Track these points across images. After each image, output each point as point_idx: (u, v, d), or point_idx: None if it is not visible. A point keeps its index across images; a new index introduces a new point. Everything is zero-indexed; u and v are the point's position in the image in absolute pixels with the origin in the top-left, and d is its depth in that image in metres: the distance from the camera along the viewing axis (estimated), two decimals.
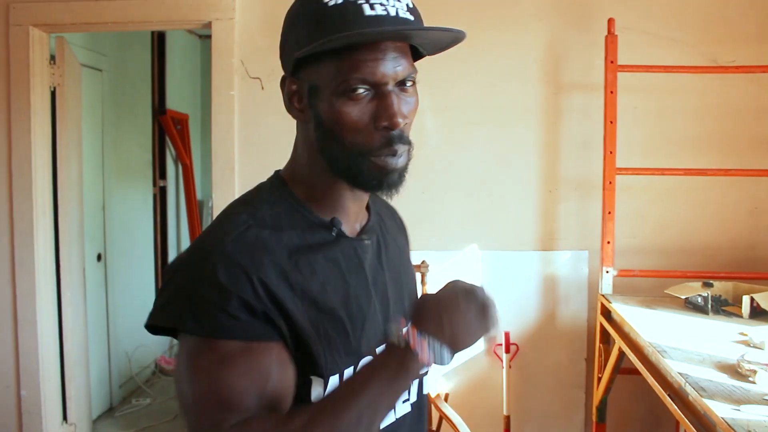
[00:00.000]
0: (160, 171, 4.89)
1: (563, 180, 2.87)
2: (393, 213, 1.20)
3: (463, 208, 2.83)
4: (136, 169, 4.59)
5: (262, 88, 2.91)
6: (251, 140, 2.94)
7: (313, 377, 0.90)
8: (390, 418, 1.00)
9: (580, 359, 2.89)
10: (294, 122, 3.01)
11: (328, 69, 0.88)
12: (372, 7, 0.86)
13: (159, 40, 4.79)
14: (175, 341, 4.13)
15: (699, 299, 2.33)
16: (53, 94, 3.18)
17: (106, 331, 4.08)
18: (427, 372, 1.05)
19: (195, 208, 5.15)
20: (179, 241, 5.26)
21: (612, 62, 2.61)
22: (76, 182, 3.45)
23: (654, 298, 2.53)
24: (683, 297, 2.38)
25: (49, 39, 3.13)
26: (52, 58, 3.16)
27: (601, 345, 2.61)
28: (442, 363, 0.86)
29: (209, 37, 2.97)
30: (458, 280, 0.91)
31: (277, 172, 1.03)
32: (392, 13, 0.87)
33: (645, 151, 2.81)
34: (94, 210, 3.92)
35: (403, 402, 1.04)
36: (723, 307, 2.33)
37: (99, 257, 3.97)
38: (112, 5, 2.93)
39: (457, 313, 0.86)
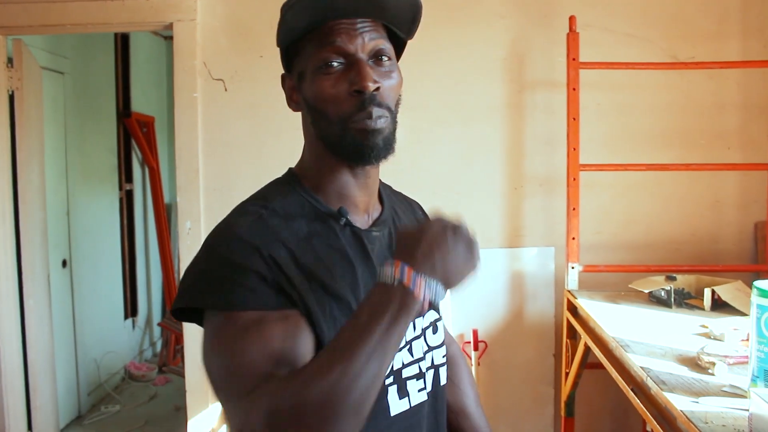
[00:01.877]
0: (126, 174, 4.83)
1: (528, 177, 2.89)
2: (414, 210, 1.24)
3: (428, 207, 2.83)
4: (101, 173, 4.52)
5: (225, 89, 2.88)
6: (215, 142, 2.91)
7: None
8: (404, 406, 1.01)
9: (548, 355, 2.91)
10: (256, 123, 2.96)
11: (307, 53, 0.96)
12: None
13: (123, 42, 4.73)
14: (145, 346, 4.06)
15: (662, 293, 2.36)
16: (11, 97, 3.12)
17: (73, 339, 4.01)
18: (444, 363, 1.12)
19: (162, 211, 5.10)
20: (147, 245, 5.20)
21: (574, 59, 2.63)
22: (38, 187, 3.39)
23: (619, 292, 2.56)
24: (647, 291, 2.41)
25: (6, 41, 3.07)
26: (10, 61, 3.10)
27: (568, 340, 2.63)
28: (436, 301, 0.86)
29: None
30: (440, 216, 0.91)
31: (289, 168, 1.08)
32: None
33: (608, 147, 2.83)
34: (58, 215, 3.86)
35: (419, 391, 1.04)
36: (686, 300, 2.36)
37: (64, 263, 3.91)
38: (71, 7, 2.88)
39: (448, 252, 0.87)
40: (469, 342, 2.86)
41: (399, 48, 1.06)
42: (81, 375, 4.08)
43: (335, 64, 0.94)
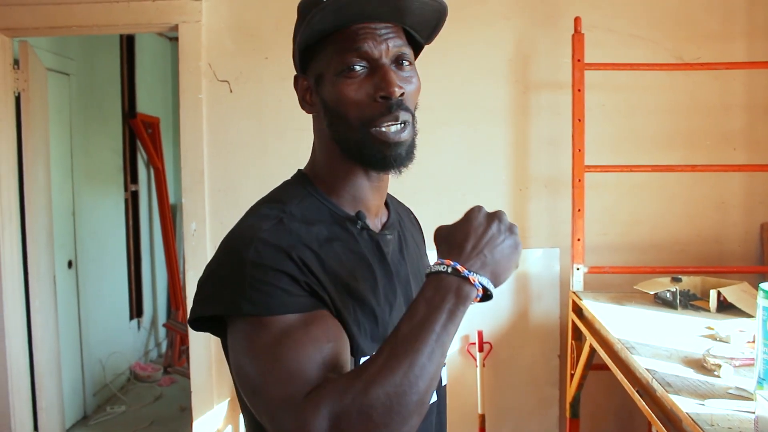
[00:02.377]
0: (131, 175, 4.84)
1: (533, 178, 2.89)
2: (408, 212, 1.25)
3: (433, 209, 2.82)
4: (106, 173, 4.53)
5: (231, 90, 2.89)
6: (220, 143, 2.91)
7: None
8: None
9: (553, 356, 2.91)
10: (261, 124, 2.96)
11: (328, 55, 0.95)
12: None
13: (128, 43, 4.74)
14: (150, 346, 4.05)
15: (668, 294, 2.35)
16: (18, 99, 3.13)
17: (78, 339, 4.03)
18: (444, 364, 1.06)
19: (168, 212, 5.11)
20: (152, 245, 5.21)
21: (579, 60, 2.62)
22: (44, 188, 3.41)
23: (624, 294, 2.55)
24: (652, 292, 2.40)
25: (12, 43, 3.08)
26: (16, 62, 3.12)
27: (573, 342, 2.63)
28: (488, 297, 0.86)
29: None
30: (482, 208, 0.92)
31: (299, 170, 1.07)
32: None
33: (614, 148, 2.83)
34: (64, 216, 3.87)
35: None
36: (691, 301, 2.35)
37: (70, 264, 3.92)
38: (77, 9, 2.89)
39: (496, 246, 0.88)
40: (474, 343, 2.86)
41: (416, 51, 1.06)
42: (86, 375, 4.09)
43: (358, 68, 0.94)
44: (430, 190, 2.84)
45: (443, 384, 1.12)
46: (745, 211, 2.85)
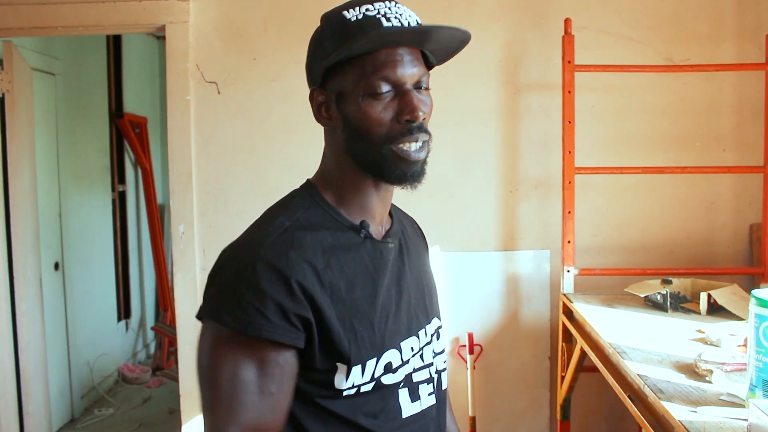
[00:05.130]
0: (119, 176, 4.80)
1: (524, 180, 2.88)
2: (412, 221, 1.28)
3: (424, 211, 2.80)
4: (93, 174, 4.49)
5: (219, 92, 2.86)
6: (208, 145, 2.88)
7: (338, 364, 0.97)
8: (416, 408, 1.06)
9: (544, 358, 2.91)
10: (249, 126, 2.93)
11: (353, 75, 0.99)
12: (389, 20, 0.98)
13: (115, 42, 4.70)
14: (138, 348, 4.04)
15: (658, 297, 2.35)
16: (2, 100, 3.09)
17: (65, 341, 3.99)
18: (445, 369, 1.17)
19: (156, 212, 5.07)
20: (140, 246, 5.17)
21: (569, 62, 2.62)
22: (30, 190, 3.36)
23: (615, 296, 2.55)
24: (642, 295, 2.40)
25: None
26: (0, 63, 3.07)
27: (563, 344, 2.62)
28: None
29: None
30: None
31: (308, 180, 1.11)
32: (406, 24, 0.99)
33: (604, 150, 2.82)
34: (51, 218, 3.83)
35: (429, 395, 1.10)
36: (682, 303, 2.36)
37: (56, 266, 3.88)
38: (63, 9, 2.85)
39: None
40: (465, 345, 2.85)
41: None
42: (74, 378, 4.05)
43: (384, 90, 0.99)
44: (420, 192, 2.80)
45: (444, 388, 1.16)
46: (734, 213, 2.86)
